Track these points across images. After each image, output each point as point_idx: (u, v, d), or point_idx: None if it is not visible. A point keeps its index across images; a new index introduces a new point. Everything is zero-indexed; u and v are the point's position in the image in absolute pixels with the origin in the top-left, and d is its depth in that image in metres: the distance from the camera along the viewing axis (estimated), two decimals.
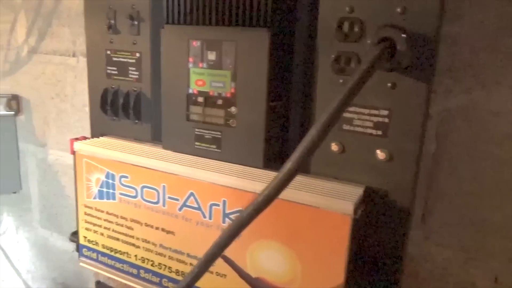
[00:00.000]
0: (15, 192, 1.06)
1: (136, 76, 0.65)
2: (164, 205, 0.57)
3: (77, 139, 0.67)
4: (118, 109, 0.67)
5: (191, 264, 0.56)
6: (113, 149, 0.61)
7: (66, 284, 1.06)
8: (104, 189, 0.62)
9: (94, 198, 0.63)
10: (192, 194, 0.54)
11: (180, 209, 0.55)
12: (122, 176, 0.59)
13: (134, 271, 0.62)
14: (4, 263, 1.18)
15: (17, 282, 1.17)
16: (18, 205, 1.08)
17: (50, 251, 1.06)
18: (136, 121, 0.66)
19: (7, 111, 0.95)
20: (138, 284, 0.62)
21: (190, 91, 0.56)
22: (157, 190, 0.57)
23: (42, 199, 1.03)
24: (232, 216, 0.51)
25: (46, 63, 0.91)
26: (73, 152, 0.64)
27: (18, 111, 0.97)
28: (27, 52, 0.93)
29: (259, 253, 0.50)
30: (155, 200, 0.57)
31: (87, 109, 0.87)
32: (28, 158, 1.01)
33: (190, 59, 0.55)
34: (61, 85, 0.89)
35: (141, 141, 0.66)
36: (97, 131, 0.71)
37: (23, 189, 1.05)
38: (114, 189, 0.61)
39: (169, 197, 0.56)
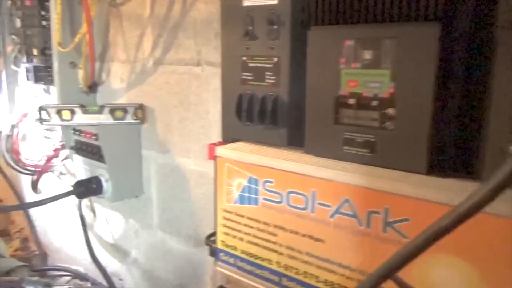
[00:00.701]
0: (137, 196, 1.12)
1: (273, 81, 0.64)
2: (313, 212, 0.55)
3: (214, 144, 0.69)
4: (253, 114, 0.67)
5: (342, 274, 0.54)
6: (255, 154, 0.61)
7: (182, 285, 1.10)
8: (246, 194, 0.62)
9: (235, 202, 0.63)
10: (347, 200, 0.51)
11: (332, 216, 0.53)
12: (266, 181, 0.59)
13: (276, 278, 0.61)
14: (124, 262, 1.26)
15: (135, 281, 1.25)
16: (139, 208, 1.15)
17: (168, 253, 1.10)
18: (271, 126, 0.66)
19: (134, 119, 1.01)
20: None
21: (341, 93, 0.54)
22: (305, 196, 0.55)
23: (162, 203, 1.08)
24: (395, 226, 0.48)
25: (170, 73, 0.95)
26: (214, 157, 0.65)
27: (143, 120, 1.03)
28: (152, 64, 0.99)
29: (432, 269, 0.46)
30: (303, 206, 0.56)
31: (210, 116, 0.90)
32: (150, 163, 1.07)
33: (342, 60, 0.53)
34: (184, 93, 0.93)
35: (276, 146, 0.66)
36: (229, 137, 0.72)
37: (144, 193, 1.11)
38: (256, 194, 0.60)
39: (319, 203, 0.54)
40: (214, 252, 0.70)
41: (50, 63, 1.15)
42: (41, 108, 0.97)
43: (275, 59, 0.64)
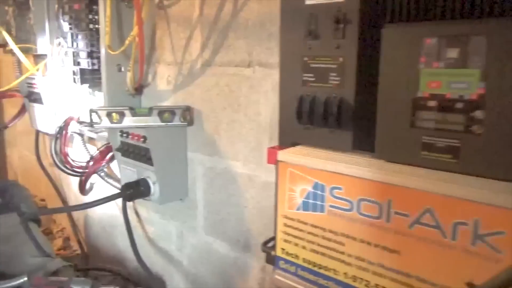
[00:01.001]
0: (181, 199, 1.12)
1: (337, 82, 0.62)
2: (387, 221, 0.51)
3: (273, 148, 0.66)
4: (315, 116, 0.64)
5: None
6: (321, 159, 0.58)
7: None
8: (311, 201, 0.59)
9: (298, 209, 0.61)
10: (428, 210, 0.48)
11: (411, 226, 0.49)
12: (334, 188, 0.56)
13: None
14: (168, 264, 1.26)
15: (179, 284, 1.24)
16: (184, 211, 1.14)
17: (213, 256, 1.09)
18: (334, 129, 0.63)
19: (181, 121, 1.00)
20: None
21: (419, 94, 0.50)
22: (379, 204, 0.52)
23: (208, 206, 1.07)
24: (487, 239, 0.44)
25: (219, 75, 0.94)
26: (275, 162, 0.63)
27: (190, 122, 1.02)
28: (200, 66, 0.98)
29: None
30: (376, 215, 0.52)
31: (261, 118, 0.88)
32: (196, 166, 1.06)
33: (422, 59, 0.49)
34: (234, 95, 0.91)
35: (339, 150, 0.63)
36: (287, 140, 0.69)
37: (189, 196, 1.11)
38: (323, 201, 0.58)
39: (396, 212, 0.51)
40: (272, 260, 0.68)
41: (97, 66, 1.17)
42: (91, 111, 0.97)
43: (341, 59, 0.61)
